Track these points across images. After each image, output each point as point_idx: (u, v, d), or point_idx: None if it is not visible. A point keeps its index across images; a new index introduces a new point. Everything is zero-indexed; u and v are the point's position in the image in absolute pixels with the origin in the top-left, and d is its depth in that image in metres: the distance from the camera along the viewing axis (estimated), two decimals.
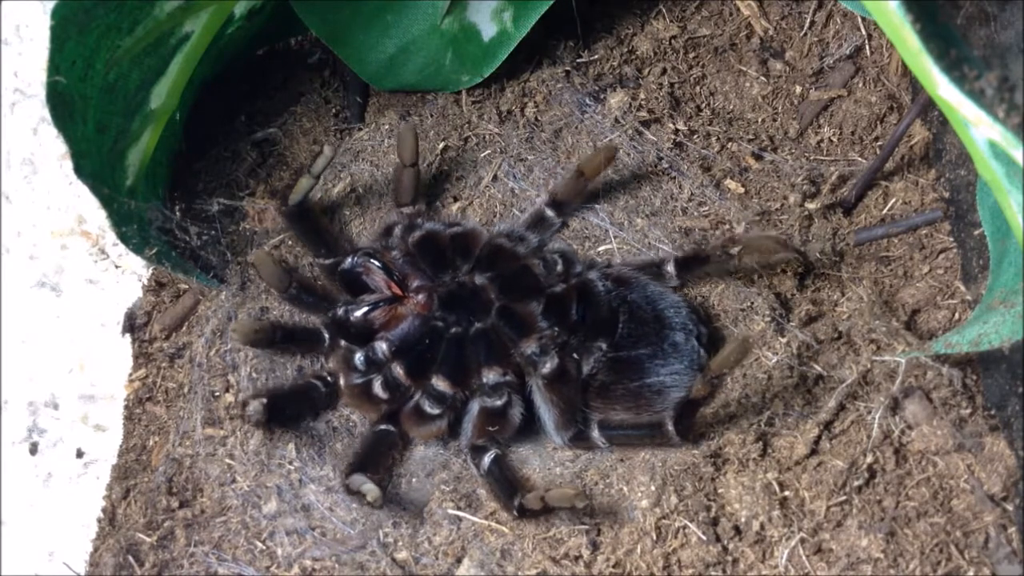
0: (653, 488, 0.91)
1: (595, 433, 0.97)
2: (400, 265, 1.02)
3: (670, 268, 1.03)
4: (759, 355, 1.00)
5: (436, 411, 0.98)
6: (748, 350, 0.87)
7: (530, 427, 1.01)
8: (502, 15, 1.16)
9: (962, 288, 1.06)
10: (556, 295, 1.00)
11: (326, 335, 1.01)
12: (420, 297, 1.01)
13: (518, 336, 0.97)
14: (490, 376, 0.98)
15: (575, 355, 0.97)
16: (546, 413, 0.98)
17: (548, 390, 0.96)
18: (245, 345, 1.00)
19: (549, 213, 1.09)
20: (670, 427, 0.92)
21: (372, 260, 1.01)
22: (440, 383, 0.98)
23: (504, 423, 0.98)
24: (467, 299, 1.01)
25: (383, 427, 1.00)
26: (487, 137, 1.18)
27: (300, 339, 1.02)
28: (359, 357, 0.99)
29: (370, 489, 0.90)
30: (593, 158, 1.06)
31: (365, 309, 1.00)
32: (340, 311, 1.00)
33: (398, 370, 0.98)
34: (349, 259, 1.02)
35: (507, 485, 0.93)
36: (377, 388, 0.99)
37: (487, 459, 0.96)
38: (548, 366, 0.95)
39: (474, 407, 0.99)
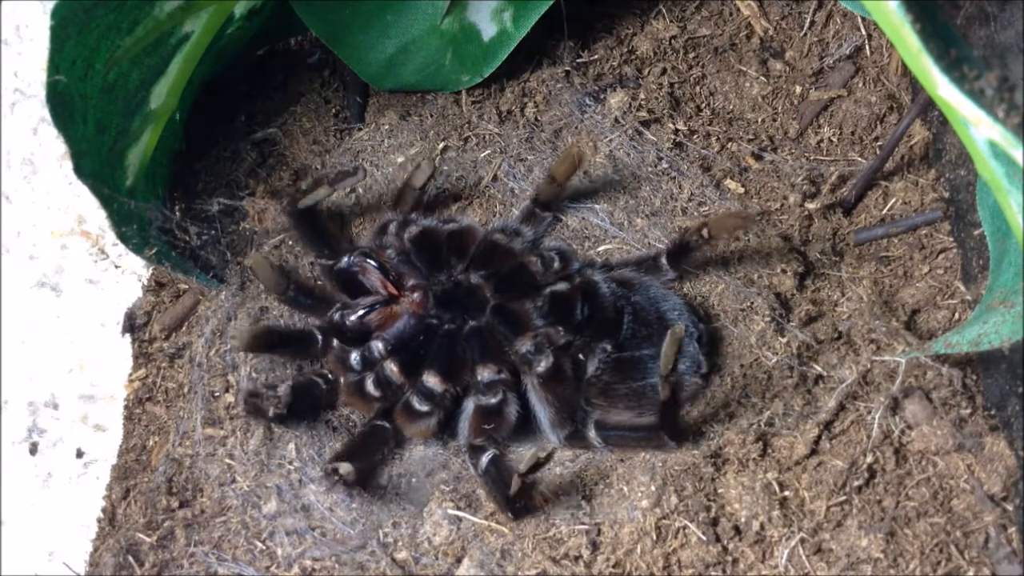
0: (653, 488, 0.91)
1: (591, 433, 0.97)
2: (396, 263, 1.02)
3: (663, 261, 1.04)
4: (759, 355, 1.00)
5: (425, 408, 0.98)
6: (680, 340, 0.87)
7: (529, 427, 1.01)
8: (502, 15, 1.16)
9: (962, 288, 1.06)
10: (561, 294, 1.00)
11: (319, 337, 1.01)
12: (415, 296, 1.01)
13: (513, 334, 0.97)
14: (484, 374, 0.98)
15: (581, 355, 0.97)
16: (541, 412, 0.98)
17: (543, 389, 0.96)
18: (245, 352, 1.01)
19: (538, 210, 1.09)
20: (663, 432, 0.93)
21: (368, 260, 1.01)
22: (430, 379, 0.98)
23: (499, 421, 0.98)
24: (462, 297, 1.01)
25: (377, 423, 1.00)
26: (487, 137, 1.18)
27: (295, 342, 1.02)
28: (355, 357, 0.99)
29: (343, 465, 0.91)
30: (561, 163, 1.06)
31: (361, 313, 1.00)
32: (336, 316, 1.01)
33: (391, 367, 0.98)
34: (345, 259, 1.02)
35: (504, 486, 0.93)
36: (370, 386, 0.99)
37: (484, 459, 0.96)
38: (543, 365, 0.95)
39: (469, 405, 0.99)
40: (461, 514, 0.94)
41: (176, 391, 1.05)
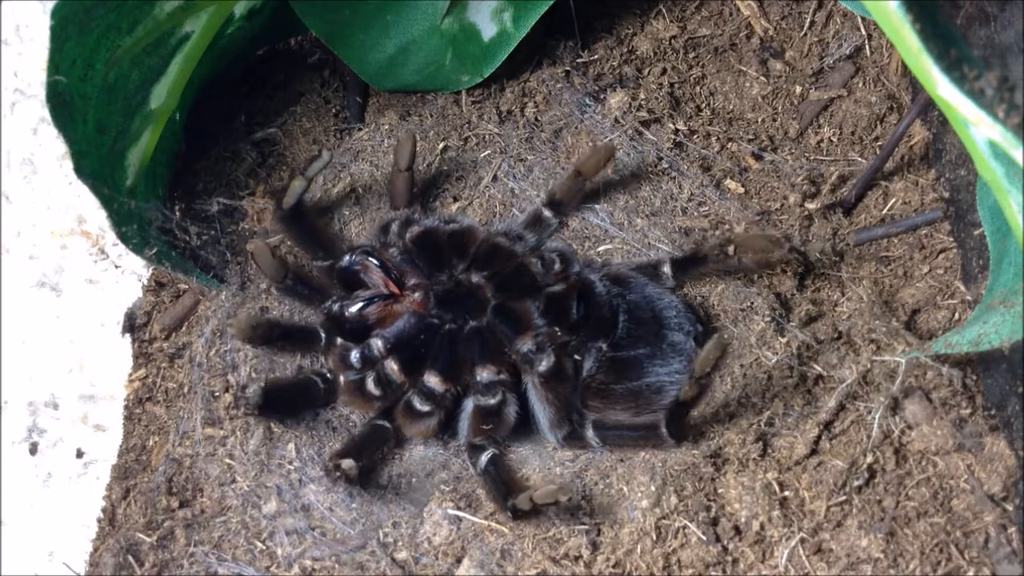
0: (653, 488, 0.91)
1: (589, 432, 0.97)
2: (397, 263, 1.02)
3: (666, 269, 1.04)
4: (759, 355, 1.00)
5: (426, 408, 0.98)
6: (725, 347, 0.87)
7: (529, 427, 1.01)
8: (502, 15, 1.16)
9: (962, 288, 1.06)
10: (556, 294, 1.00)
11: (322, 334, 1.01)
12: (416, 295, 1.01)
13: (514, 334, 0.97)
14: (483, 375, 0.98)
15: (576, 355, 0.97)
16: (541, 411, 0.98)
17: (544, 388, 0.96)
18: (242, 342, 1.01)
19: (547, 213, 1.09)
20: (664, 429, 0.93)
21: (370, 258, 1.01)
22: (431, 379, 0.98)
23: (498, 422, 0.98)
24: (463, 297, 1.01)
25: (379, 422, 1.00)
26: (487, 137, 1.18)
27: (297, 337, 1.02)
28: (355, 355, 0.99)
29: (346, 460, 0.91)
30: (591, 158, 1.06)
31: (360, 304, 1.00)
32: (336, 307, 1.01)
33: (391, 366, 0.98)
34: (347, 257, 1.02)
35: (502, 485, 0.93)
36: (370, 385, 0.99)
37: (484, 458, 0.96)
38: (544, 364, 0.95)
39: (468, 405, 0.99)
40: (461, 514, 0.94)
41: (176, 391, 1.05)
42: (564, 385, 0.96)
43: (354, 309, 1.00)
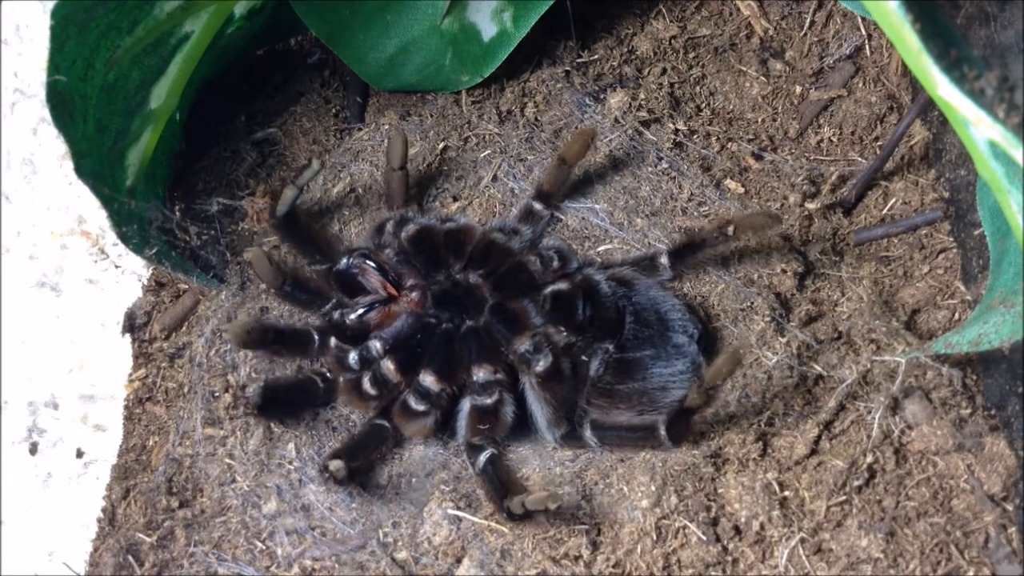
0: (653, 488, 0.91)
1: (587, 432, 0.97)
2: (394, 263, 1.02)
3: (664, 260, 1.04)
4: (759, 355, 1.00)
5: (422, 407, 0.98)
6: (739, 361, 0.88)
7: (527, 426, 1.01)
8: (502, 15, 1.16)
9: (962, 288, 1.06)
10: (562, 293, 1.00)
11: (315, 337, 1.01)
12: (414, 295, 1.01)
13: (511, 334, 0.97)
14: (480, 374, 0.98)
15: (583, 356, 0.97)
16: (538, 411, 0.98)
17: (541, 388, 0.96)
18: (237, 346, 1.01)
19: (537, 206, 1.09)
20: (662, 431, 0.93)
21: (367, 260, 1.01)
22: (427, 378, 0.98)
23: (495, 421, 0.98)
24: (461, 297, 1.01)
25: (377, 422, 1.00)
26: (487, 137, 1.18)
27: (292, 341, 1.02)
28: (353, 357, 0.99)
29: (333, 462, 0.91)
30: (572, 144, 1.07)
31: (361, 312, 1.00)
32: (336, 314, 1.01)
33: (388, 366, 0.98)
34: (344, 260, 1.02)
35: (500, 485, 0.93)
36: (367, 384, 0.99)
37: (482, 458, 0.96)
38: (541, 364, 0.95)
39: (465, 405, 0.99)
40: (461, 514, 0.94)
41: (176, 391, 1.05)
42: (562, 385, 0.96)
43: (354, 316, 1.00)
